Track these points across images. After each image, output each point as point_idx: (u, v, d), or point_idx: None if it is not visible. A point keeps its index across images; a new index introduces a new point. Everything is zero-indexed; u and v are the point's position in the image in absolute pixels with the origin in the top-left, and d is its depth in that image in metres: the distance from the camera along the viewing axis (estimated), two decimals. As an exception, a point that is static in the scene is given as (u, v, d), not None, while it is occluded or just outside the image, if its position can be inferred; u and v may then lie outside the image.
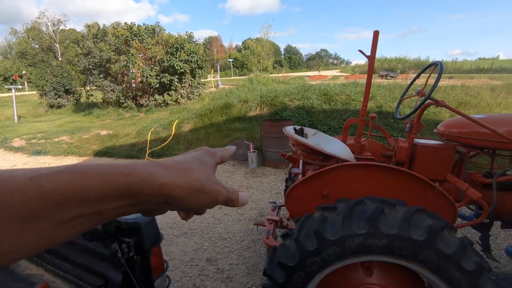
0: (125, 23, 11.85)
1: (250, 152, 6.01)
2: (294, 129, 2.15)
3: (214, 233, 3.36)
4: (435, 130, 2.29)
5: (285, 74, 20.92)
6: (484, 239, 2.53)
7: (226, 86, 15.04)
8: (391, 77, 16.78)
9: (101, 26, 13.06)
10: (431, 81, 2.18)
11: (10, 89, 13.41)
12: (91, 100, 13.51)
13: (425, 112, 7.22)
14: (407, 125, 2.16)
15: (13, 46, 45.08)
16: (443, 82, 10.16)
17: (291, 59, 63.68)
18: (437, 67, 1.89)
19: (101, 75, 11.80)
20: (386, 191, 1.65)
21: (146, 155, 6.92)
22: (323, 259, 1.35)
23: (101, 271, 1.02)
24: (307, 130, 2.32)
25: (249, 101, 8.74)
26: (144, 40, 11.43)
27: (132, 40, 11.32)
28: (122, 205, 0.33)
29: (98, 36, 11.78)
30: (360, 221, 1.31)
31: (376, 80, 13.18)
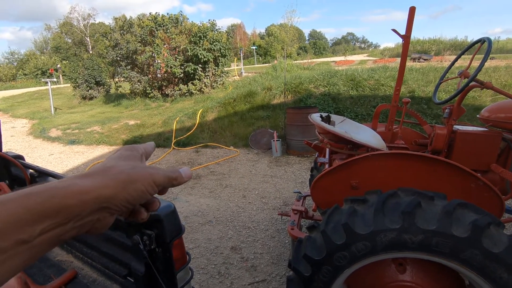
0: (149, 13, 12.00)
1: (274, 140, 5.94)
2: (321, 116, 2.04)
3: (239, 222, 3.37)
4: (478, 116, 2.09)
5: (309, 60, 20.34)
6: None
7: (250, 74, 14.91)
8: (425, 59, 15.76)
9: (128, 18, 13.33)
10: (475, 63, 1.96)
11: (46, 82, 14.22)
12: (120, 91, 13.98)
13: (465, 96, 6.68)
14: (446, 110, 1.98)
15: (48, 41, 47.66)
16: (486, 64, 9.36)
17: (316, 44, 61.69)
18: (484, 45, 1.69)
19: (128, 67, 12.12)
20: (422, 183, 1.53)
21: (172, 144, 7.08)
22: (352, 254, 1.27)
23: (125, 261, 1.02)
24: (334, 117, 2.20)
25: (273, 89, 8.59)
26: (168, 30, 11.53)
27: (157, 30, 11.46)
28: (50, 226, 0.31)
29: (125, 27, 12.05)
30: (394, 215, 1.22)
31: (408, 63, 12.41)
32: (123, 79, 12.93)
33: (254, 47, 35.51)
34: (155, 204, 0.47)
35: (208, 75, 11.63)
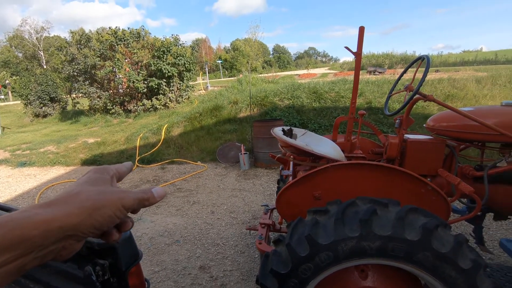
0: (109, 27, 11.63)
1: (241, 153, 5.95)
2: (283, 130, 2.10)
3: (207, 239, 3.28)
4: (424, 125, 2.27)
5: (274, 74, 20.91)
6: (478, 232, 2.53)
7: (216, 88, 14.94)
8: (379, 72, 16.94)
9: (87, 32, 12.80)
10: (419, 75, 2.16)
11: (-8, 100, 13.01)
12: (78, 108, 13.23)
13: (414, 106, 7.23)
14: (397, 121, 2.13)
15: (-5, 55, 43.96)
16: (430, 76, 10.29)
17: (280, 58, 63.76)
18: (424, 61, 1.86)
19: (87, 82, 11.55)
20: (379, 190, 1.61)
21: (136, 161, 6.79)
22: (317, 265, 1.29)
23: (76, 295, 0.95)
24: (296, 130, 2.27)
25: (239, 102, 8.67)
26: (129, 45, 11.23)
27: (117, 44, 11.12)
28: (10, 259, 0.30)
29: (82, 42, 11.53)
30: (353, 224, 1.27)
31: (364, 76, 13.28)
32: (81, 95, 12.26)
33: (219, 61, 35.80)
34: (128, 225, 0.46)
35: (173, 90, 11.44)
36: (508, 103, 1.99)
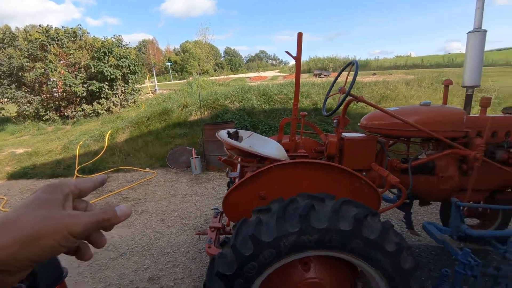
0: (39, 25, 10.48)
1: (192, 158, 5.83)
2: (228, 132, 2.11)
3: (157, 249, 3.15)
4: (358, 124, 2.48)
5: (225, 76, 20.91)
6: (407, 217, 2.83)
7: (165, 91, 14.40)
8: (324, 75, 18.01)
9: (13, 30, 11.36)
10: (352, 78, 2.35)
11: None
12: (3, 115, 11.66)
13: (354, 106, 7.76)
14: (335, 120, 2.30)
15: None
16: (368, 79, 11.25)
17: (231, 61, 63.94)
18: (353, 66, 2.04)
19: (13, 85, 10.24)
20: (319, 186, 1.72)
21: (76, 171, 6.22)
22: (261, 263, 1.33)
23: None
24: (242, 132, 2.30)
25: (189, 106, 8.49)
26: (64, 45, 10.25)
27: (50, 44, 10.07)
28: None
29: (6, 41, 10.21)
30: (293, 220, 1.33)
31: (310, 78, 13.98)
32: (6, 100, 10.83)
33: (169, 63, 34.62)
34: (102, 241, 0.42)
35: (117, 93, 10.74)
36: (425, 103, 2.28)
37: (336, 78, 2.51)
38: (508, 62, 18.04)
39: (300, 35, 2.22)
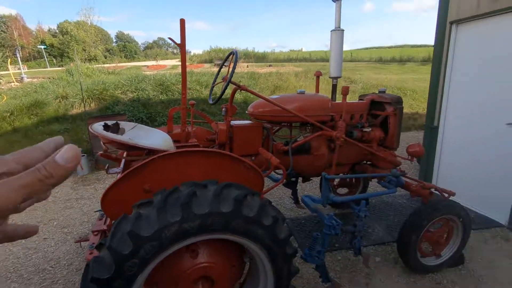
0: None
1: (77, 157, 5.06)
2: (105, 124, 1.90)
3: (28, 268, 2.64)
4: (246, 112, 2.62)
5: (117, 64, 18.72)
6: (294, 194, 3.19)
7: (36, 80, 11.86)
8: (225, 65, 18.25)
9: None
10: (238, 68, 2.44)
11: None
12: None
13: (247, 96, 8.11)
14: (223, 109, 2.36)
15: None
16: (264, 70, 12.00)
17: (125, 47, 57.54)
18: (234, 56, 2.12)
19: None
20: (206, 174, 1.73)
21: None
22: (142, 258, 1.27)
23: None
24: (123, 124, 2.11)
25: (70, 97, 7.28)
26: None
27: None
28: None
29: None
30: (174, 209, 1.31)
31: (212, 69, 13.96)
32: None
33: (42, 46, 28.63)
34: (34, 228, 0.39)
35: (-39, 82, 8.27)
36: (301, 91, 2.57)
37: (220, 68, 2.59)
38: (371, 58, 22.22)
39: (182, 22, 2.16)
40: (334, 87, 3.55)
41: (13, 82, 10.71)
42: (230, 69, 2.06)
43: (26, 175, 0.30)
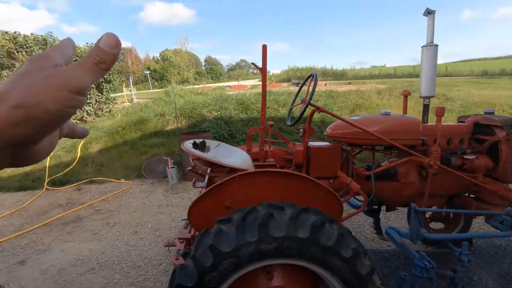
0: (6, 32, 10.07)
1: (169, 168, 5.75)
2: (194, 142, 2.12)
3: (127, 262, 3.06)
4: (324, 133, 2.57)
5: (205, 85, 20.87)
6: (376, 223, 2.92)
7: (142, 100, 14.15)
8: (305, 84, 18.35)
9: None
10: (317, 89, 2.44)
11: None
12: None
13: (325, 116, 7.88)
14: (301, 130, 2.37)
15: None
16: (343, 88, 11.63)
17: (212, 70, 63.94)
18: (313, 78, 2.12)
19: (-22, 94, 9.73)
20: (282, 195, 1.75)
21: (45, 183, 5.95)
22: (221, 273, 1.34)
23: None
24: (209, 142, 2.32)
25: (166, 115, 8.40)
26: (34, 52, 9.89)
27: (18, 52, 9.69)
28: None
29: (-31, 47, 9.71)
30: (252, 229, 1.35)
31: (289, 88, 14.24)
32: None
33: (148, 72, 34.14)
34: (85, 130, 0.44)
35: (90, 103, 10.43)
36: (385, 112, 2.39)
37: (299, 90, 2.61)
38: (472, 72, 19.22)
39: (264, 48, 2.29)
40: (426, 107, 3.17)
41: (126, 102, 12.97)
42: (309, 91, 2.06)
43: (85, 61, 0.33)
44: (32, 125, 0.29)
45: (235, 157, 2.10)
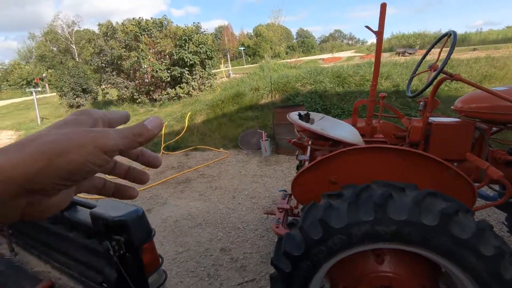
0: (133, 18, 11.90)
1: (263, 140, 5.97)
2: (299, 114, 2.07)
3: (228, 223, 3.38)
4: (452, 107, 2.14)
5: (297, 59, 20.46)
6: (510, 220, 2.40)
7: (237, 75, 14.93)
8: (409, 53, 16.02)
9: (114, 24, 13.19)
10: (445, 54, 2.02)
11: (32, 92, 13.98)
12: (107, 98, 13.84)
13: (446, 88, 6.78)
14: (421, 103, 2.03)
15: (32, 50, 46.80)
16: (466, 55, 9.56)
17: (304, 43, 61.92)
18: (450, 38, 1.74)
19: (114, 73, 12.01)
20: (398, 175, 1.56)
21: (162, 148, 7.04)
22: (329, 248, 1.29)
23: (99, 268, 1.03)
24: (313, 115, 2.23)
25: (260, 89, 8.63)
26: (152, 34, 11.46)
27: (141, 35, 11.38)
28: None
29: (108, 34, 11.93)
30: (367, 208, 1.24)
31: (392, 58, 12.62)
32: (109, 85, 12.80)
33: (242, 48, 35.59)
34: (144, 176, 0.43)
35: (195, 78, 11.60)
36: (548, 80, 1.82)
37: (426, 53, 2.20)
38: None
39: (383, 6, 1.98)
40: None
41: (224, 77, 13.92)
42: (444, 56, 1.71)
43: (125, 129, 0.34)
44: (53, 174, 0.29)
45: (342, 130, 1.97)
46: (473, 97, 1.95)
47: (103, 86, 13.67)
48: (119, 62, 11.70)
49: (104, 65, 11.97)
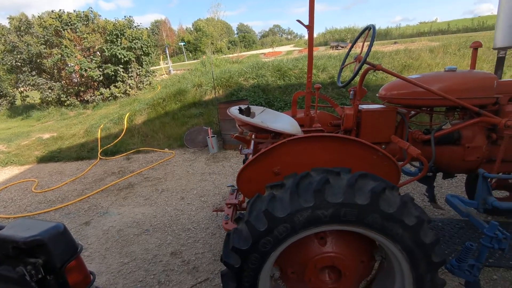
0: (52, 11, 10.55)
1: (209, 137, 5.87)
2: (240, 108, 2.06)
3: (178, 226, 3.25)
4: (377, 94, 2.35)
5: (239, 54, 20.50)
6: (430, 191, 2.73)
7: (179, 72, 14.36)
8: (342, 47, 17.23)
9: (30, 18, 11.53)
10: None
11: None
12: (28, 102, 12.15)
13: (374, 77, 7.41)
14: (351, 92, 2.18)
15: None
16: (388, 48, 10.65)
17: (245, 37, 62.32)
18: (371, 31, 1.89)
19: (34, 72, 10.56)
20: (335, 161, 1.66)
21: (99, 154, 6.45)
22: (276, 238, 1.32)
23: (17, 298, 0.89)
24: (254, 108, 2.25)
25: (203, 85, 8.44)
26: (77, 29, 10.33)
27: (64, 30, 10.17)
28: None
29: (22, 28, 10.40)
30: (307, 194, 1.30)
31: (327, 51, 13.44)
32: (29, 87, 11.23)
33: (182, 43, 34.35)
34: None
35: (132, 76, 10.83)
36: (450, 68, 2.10)
37: (351, 47, 2.37)
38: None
39: (312, 1, 2.07)
40: (501, 60, 2.72)
41: (164, 74, 13.27)
42: (365, 48, 1.85)
43: None
44: None
45: (282, 122, 2.02)
46: (393, 85, 2.16)
47: (21, 89, 11.94)
48: (38, 61, 10.31)
49: (19, 64, 10.43)
